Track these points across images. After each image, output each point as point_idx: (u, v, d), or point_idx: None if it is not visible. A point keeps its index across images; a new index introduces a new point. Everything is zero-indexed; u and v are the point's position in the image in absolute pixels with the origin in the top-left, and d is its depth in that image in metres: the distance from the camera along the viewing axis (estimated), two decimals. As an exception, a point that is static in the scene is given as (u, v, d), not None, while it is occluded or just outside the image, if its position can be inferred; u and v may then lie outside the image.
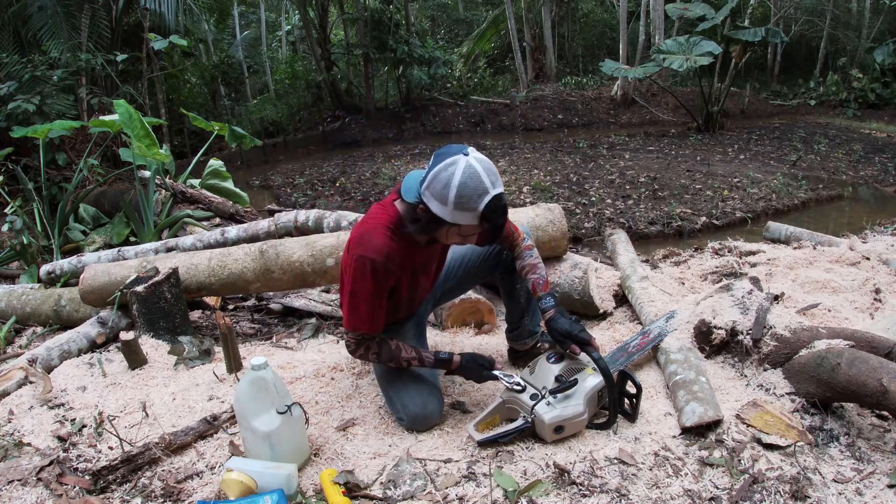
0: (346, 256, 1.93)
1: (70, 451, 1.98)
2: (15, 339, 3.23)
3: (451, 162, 1.71)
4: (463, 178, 1.69)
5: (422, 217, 1.79)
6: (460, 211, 1.72)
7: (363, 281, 1.84)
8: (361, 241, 1.85)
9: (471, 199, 1.70)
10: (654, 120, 13.28)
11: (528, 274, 2.09)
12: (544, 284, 2.07)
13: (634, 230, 5.40)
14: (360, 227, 1.91)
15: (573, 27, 18.37)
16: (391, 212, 1.90)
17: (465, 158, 1.72)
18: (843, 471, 1.69)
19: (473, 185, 1.70)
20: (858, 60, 14.19)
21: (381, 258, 1.82)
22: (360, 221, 1.97)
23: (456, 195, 1.69)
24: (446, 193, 1.70)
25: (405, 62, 12.78)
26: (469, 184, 1.69)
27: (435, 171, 1.73)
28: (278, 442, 1.77)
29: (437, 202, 1.73)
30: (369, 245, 1.83)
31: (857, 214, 5.96)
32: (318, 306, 3.28)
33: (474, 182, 1.70)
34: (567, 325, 1.98)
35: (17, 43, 7.09)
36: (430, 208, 1.75)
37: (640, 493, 1.64)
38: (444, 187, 1.70)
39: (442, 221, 1.76)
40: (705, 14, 10.59)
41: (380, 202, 1.98)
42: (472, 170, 1.70)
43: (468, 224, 1.76)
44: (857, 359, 1.79)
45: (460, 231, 1.80)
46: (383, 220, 1.88)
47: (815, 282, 2.96)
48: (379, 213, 1.91)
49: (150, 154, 4.72)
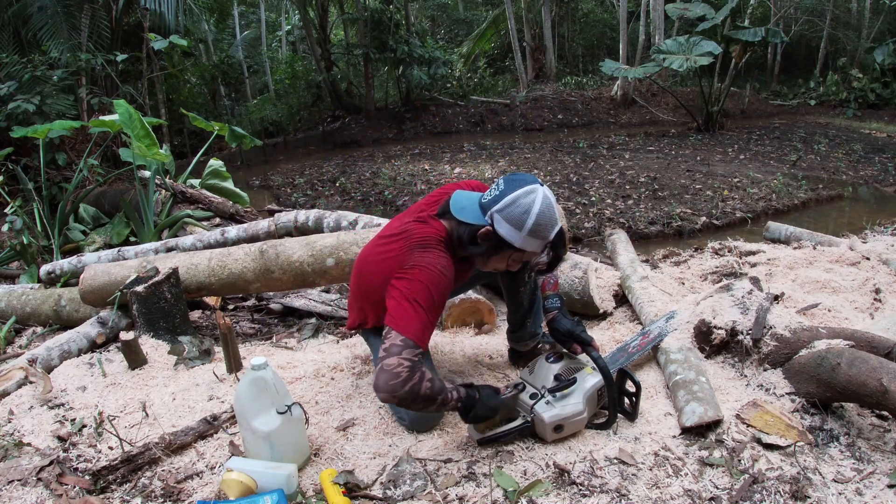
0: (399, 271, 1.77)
1: (70, 451, 1.98)
2: (15, 339, 3.23)
3: (530, 190, 1.76)
4: (542, 206, 1.75)
5: (484, 240, 1.80)
6: (532, 238, 1.77)
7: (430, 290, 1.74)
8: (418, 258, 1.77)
9: (545, 228, 1.77)
10: (654, 120, 13.29)
11: (538, 273, 2.10)
12: (553, 284, 2.11)
13: (634, 230, 5.40)
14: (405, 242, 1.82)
15: (573, 27, 18.38)
16: (437, 227, 1.87)
17: (542, 188, 1.78)
18: (843, 471, 1.69)
19: (549, 214, 1.77)
20: (858, 60, 14.20)
21: (443, 270, 1.77)
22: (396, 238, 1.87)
23: (534, 223, 1.75)
24: (525, 219, 1.74)
25: (405, 62, 12.79)
26: (547, 213, 1.76)
27: (513, 197, 1.75)
28: (278, 442, 1.77)
29: (510, 226, 1.76)
30: (430, 261, 1.77)
31: (857, 214, 5.96)
32: (318, 306, 3.28)
33: (550, 212, 1.77)
34: (570, 325, 2.00)
35: (17, 43, 7.09)
36: (498, 232, 1.77)
37: (640, 493, 1.64)
38: (523, 213, 1.74)
39: (506, 246, 1.79)
40: (705, 14, 10.60)
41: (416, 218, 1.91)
42: (549, 201, 1.77)
43: (532, 251, 1.82)
44: (857, 359, 1.79)
45: (521, 257, 1.85)
46: (433, 235, 1.84)
47: (815, 282, 2.96)
48: (423, 229, 1.86)
49: (150, 154, 4.72)
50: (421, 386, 1.65)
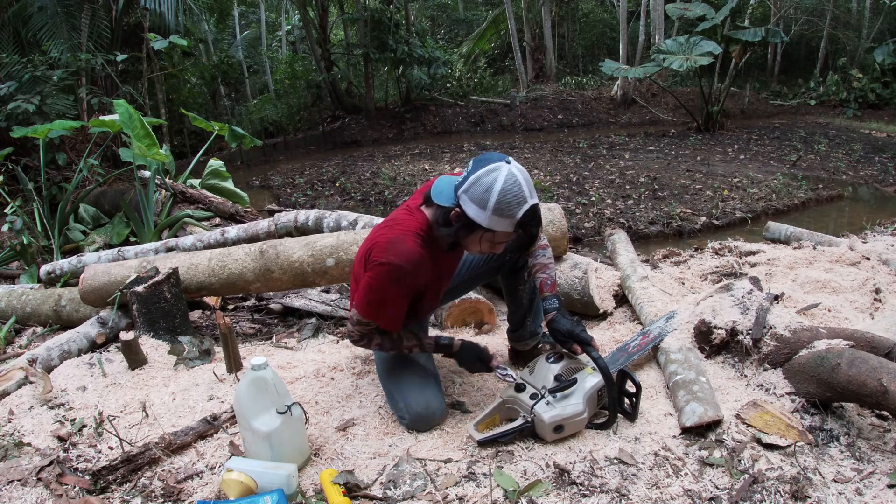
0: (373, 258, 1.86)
1: (70, 451, 1.98)
2: (15, 339, 3.23)
3: (493, 168, 1.73)
4: (505, 184, 1.71)
5: (455, 221, 1.79)
6: (498, 217, 1.73)
7: (393, 286, 1.84)
8: (391, 248, 1.82)
9: (510, 206, 1.72)
10: (654, 120, 13.29)
11: (538, 273, 2.09)
12: (551, 286, 2.08)
13: (634, 230, 5.40)
14: (388, 232, 1.88)
15: (573, 27, 18.38)
16: (419, 217, 1.89)
17: (507, 166, 1.73)
18: (843, 471, 1.68)
19: (514, 192, 1.71)
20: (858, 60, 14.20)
21: (411, 266, 1.81)
22: (386, 225, 1.94)
23: (497, 201, 1.71)
24: (487, 198, 1.71)
25: (405, 62, 12.79)
26: (511, 190, 1.71)
27: (476, 176, 1.73)
28: (278, 442, 1.77)
29: (475, 206, 1.73)
30: (400, 252, 1.81)
31: (857, 214, 5.96)
32: (318, 306, 3.28)
33: (515, 189, 1.72)
34: (569, 325, 1.98)
35: (17, 43, 7.09)
36: (466, 212, 1.75)
37: (640, 493, 1.64)
38: (484, 192, 1.71)
39: (476, 226, 1.77)
40: (705, 14, 10.59)
41: (405, 207, 1.96)
42: (514, 178, 1.72)
43: (503, 231, 1.77)
44: (857, 359, 1.79)
45: (493, 238, 1.82)
46: (413, 227, 1.87)
47: (815, 282, 2.96)
48: (407, 219, 1.90)
49: (150, 154, 4.72)
50: (370, 345, 2.00)
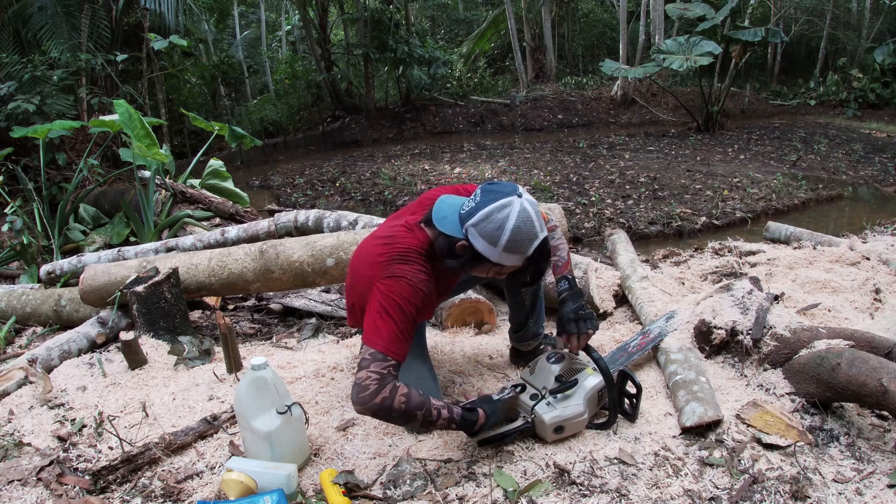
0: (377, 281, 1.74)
1: (70, 451, 1.98)
2: (15, 339, 3.23)
3: (505, 204, 1.68)
4: (517, 222, 1.67)
5: (462, 253, 1.75)
6: (509, 254, 1.70)
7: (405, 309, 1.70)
8: (395, 269, 1.73)
9: (522, 243, 1.69)
10: (654, 120, 13.29)
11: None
12: (563, 266, 2.05)
13: (634, 230, 5.40)
14: (388, 249, 1.78)
15: (573, 27, 18.38)
16: (420, 237, 1.82)
17: (519, 200, 1.69)
18: (843, 471, 1.68)
19: (526, 230, 1.68)
20: (858, 60, 14.20)
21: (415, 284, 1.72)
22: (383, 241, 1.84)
23: (509, 239, 1.67)
24: (498, 236, 1.67)
25: (405, 62, 12.79)
26: (522, 228, 1.68)
27: (487, 211, 1.68)
28: (278, 442, 1.77)
29: (485, 242, 1.69)
30: (408, 275, 1.72)
31: (857, 214, 5.96)
32: (318, 306, 3.28)
33: (527, 227, 1.68)
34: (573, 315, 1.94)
35: (17, 43, 7.09)
36: (474, 246, 1.71)
37: (640, 493, 1.63)
38: (496, 229, 1.67)
39: (485, 260, 1.73)
40: (705, 14, 10.59)
41: (403, 222, 1.88)
42: (526, 214, 1.68)
43: (512, 265, 1.76)
44: (857, 359, 1.79)
45: (501, 270, 1.79)
46: (415, 247, 1.79)
47: (815, 282, 2.96)
48: (407, 238, 1.81)
49: (150, 154, 4.72)
50: (394, 399, 1.62)
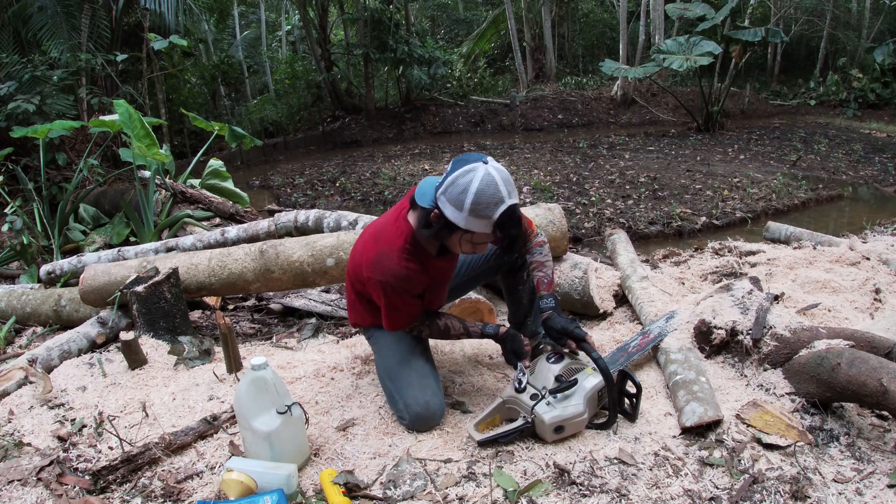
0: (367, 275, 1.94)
1: (70, 451, 1.98)
2: (15, 339, 3.23)
3: (470, 168, 1.72)
4: (481, 185, 1.70)
5: (435, 222, 1.80)
6: (475, 218, 1.73)
7: (388, 300, 1.93)
8: (378, 266, 1.89)
9: (487, 206, 1.71)
10: (654, 120, 13.29)
11: (535, 271, 2.10)
12: (548, 284, 2.08)
13: (634, 230, 5.40)
14: (375, 246, 1.93)
15: (573, 27, 18.37)
16: (404, 229, 1.91)
17: (484, 166, 1.73)
18: (843, 471, 1.69)
19: (490, 192, 1.70)
20: (858, 60, 14.19)
21: (399, 280, 1.88)
22: (373, 236, 1.97)
23: (473, 202, 1.70)
24: (463, 199, 1.71)
25: (405, 62, 12.78)
26: (486, 191, 1.70)
27: (453, 177, 1.73)
28: (278, 442, 1.77)
29: (452, 207, 1.73)
30: (387, 270, 1.88)
31: (857, 214, 5.96)
32: (318, 306, 3.28)
33: (491, 190, 1.71)
34: (564, 323, 1.98)
35: (17, 43, 7.09)
36: (444, 213, 1.76)
37: (640, 493, 1.64)
38: (461, 193, 1.71)
39: (455, 227, 1.77)
40: (705, 14, 10.59)
41: (394, 215, 1.98)
42: (491, 178, 1.71)
43: (481, 232, 1.77)
44: (857, 359, 1.79)
45: (472, 238, 1.81)
46: (398, 243, 1.89)
47: (815, 282, 2.96)
48: (391, 234, 1.92)
49: (150, 154, 4.72)
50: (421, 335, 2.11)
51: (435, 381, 2.07)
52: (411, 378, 2.02)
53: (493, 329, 2.08)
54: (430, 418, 1.97)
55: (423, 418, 1.96)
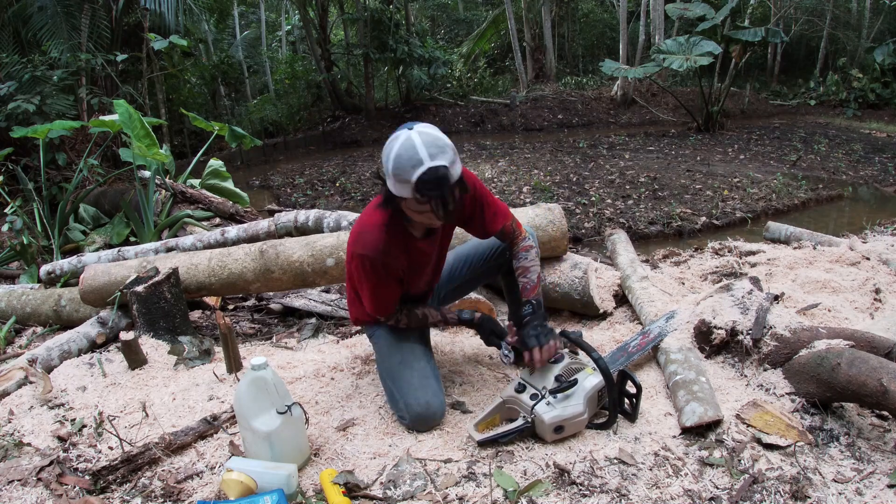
0: (347, 254, 2.03)
1: (70, 451, 1.98)
2: (15, 339, 3.23)
3: (394, 136, 1.77)
4: (399, 150, 1.72)
5: (386, 195, 1.85)
6: (398, 182, 1.75)
7: (367, 277, 1.95)
8: (360, 239, 1.94)
9: (404, 170, 1.71)
10: (654, 120, 13.28)
11: (519, 276, 2.10)
12: (531, 290, 2.05)
13: (634, 230, 5.40)
14: (357, 225, 1.99)
15: (573, 27, 18.37)
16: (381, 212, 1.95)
17: (406, 132, 1.75)
18: (843, 471, 1.68)
19: (408, 156, 1.71)
20: (858, 60, 14.19)
21: (377, 254, 1.90)
22: (359, 220, 2.04)
23: (393, 167, 1.73)
24: (387, 165, 1.76)
25: (405, 62, 12.79)
26: (404, 155, 1.71)
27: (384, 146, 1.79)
28: (278, 442, 1.77)
29: (386, 178, 1.79)
30: (365, 242, 1.92)
31: (857, 214, 5.96)
32: (318, 306, 3.28)
33: (409, 153, 1.71)
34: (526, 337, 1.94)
35: (17, 43, 7.09)
36: (387, 184, 1.81)
37: (640, 493, 1.63)
38: (385, 160, 1.77)
39: (398, 199, 1.81)
40: (705, 14, 10.59)
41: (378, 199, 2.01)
42: (410, 142, 1.72)
43: (410, 198, 1.76)
44: (857, 359, 1.79)
45: (413, 207, 1.80)
46: (378, 220, 1.93)
47: (815, 282, 2.96)
48: (373, 213, 1.97)
49: (150, 154, 4.72)
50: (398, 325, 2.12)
51: (436, 382, 2.07)
52: (412, 378, 2.02)
53: (469, 314, 2.12)
54: (430, 418, 1.97)
55: (423, 418, 1.96)
